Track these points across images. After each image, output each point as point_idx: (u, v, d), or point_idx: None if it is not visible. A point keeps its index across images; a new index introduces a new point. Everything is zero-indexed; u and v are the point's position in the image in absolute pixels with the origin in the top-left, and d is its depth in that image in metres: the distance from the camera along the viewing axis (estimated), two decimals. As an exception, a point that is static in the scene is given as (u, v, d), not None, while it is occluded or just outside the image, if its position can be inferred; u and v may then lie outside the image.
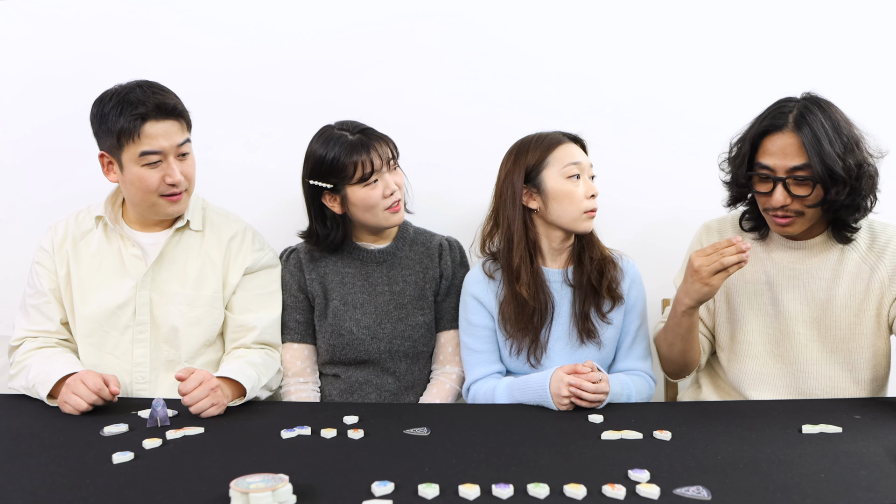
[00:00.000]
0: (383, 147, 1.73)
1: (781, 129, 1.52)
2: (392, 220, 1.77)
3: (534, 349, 1.69)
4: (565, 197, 1.66)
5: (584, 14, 2.11)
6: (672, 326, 1.62)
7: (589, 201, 1.67)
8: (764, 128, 1.55)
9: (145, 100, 1.58)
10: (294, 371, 1.81)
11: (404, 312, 1.80)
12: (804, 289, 1.64)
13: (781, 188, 1.53)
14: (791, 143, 1.51)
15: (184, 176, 1.64)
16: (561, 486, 1.09)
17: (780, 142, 1.53)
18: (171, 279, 1.71)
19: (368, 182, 1.71)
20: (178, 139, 1.62)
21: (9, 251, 2.11)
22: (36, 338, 1.70)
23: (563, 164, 1.66)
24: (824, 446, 1.27)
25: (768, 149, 1.55)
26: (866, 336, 1.61)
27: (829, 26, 2.09)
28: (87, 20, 2.12)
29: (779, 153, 1.53)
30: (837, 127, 1.50)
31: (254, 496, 1.01)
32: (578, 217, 1.67)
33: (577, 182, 1.66)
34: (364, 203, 1.73)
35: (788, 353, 1.65)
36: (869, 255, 1.62)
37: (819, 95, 1.56)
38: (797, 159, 1.51)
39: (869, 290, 1.60)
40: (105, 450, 1.27)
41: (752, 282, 1.69)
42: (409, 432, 1.37)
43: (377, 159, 1.71)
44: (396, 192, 1.74)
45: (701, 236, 1.79)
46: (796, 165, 1.51)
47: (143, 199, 1.65)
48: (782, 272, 1.66)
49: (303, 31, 2.12)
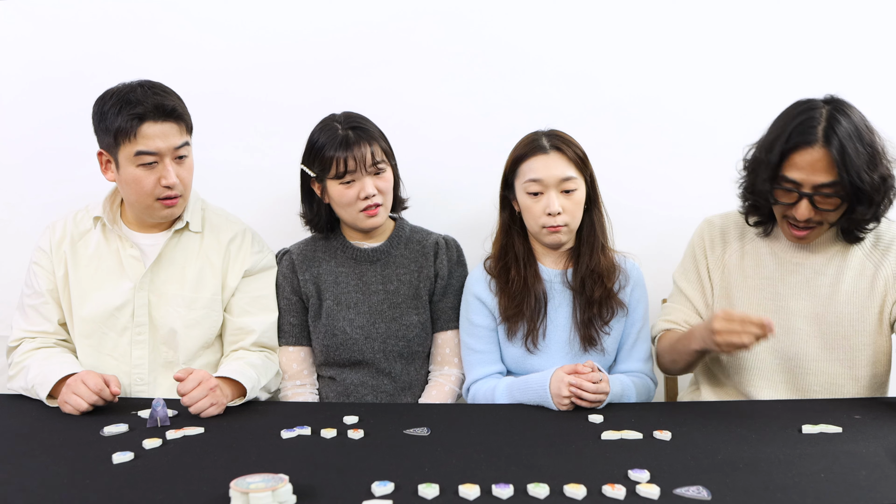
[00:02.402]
0: (366, 150, 1.70)
1: (811, 145, 1.48)
2: (366, 224, 1.75)
3: (531, 335, 1.69)
4: (526, 211, 1.67)
5: (584, 14, 2.11)
6: (680, 349, 1.63)
7: (547, 218, 1.63)
8: (794, 143, 1.50)
9: (144, 100, 1.57)
10: (291, 374, 1.81)
11: (398, 312, 1.80)
12: (807, 285, 1.64)
13: (807, 203, 1.51)
14: (820, 159, 1.47)
15: (179, 180, 1.62)
16: (561, 486, 1.09)
17: (810, 157, 1.48)
18: (170, 281, 1.71)
19: (343, 180, 1.71)
20: (175, 141, 1.61)
21: (9, 251, 2.11)
22: (34, 338, 1.69)
23: (524, 178, 1.65)
24: (824, 446, 1.27)
25: (797, 163, 1.50)
26: (868, 334, 1.61)
27: (829, 25, 2.08)
28: (86, 20, 2.12)
29: (807, 168, 1.49)
30: (861, 136, 1.47)
31: (254, 496, 1.01)
32: (539, 231, 1.66)
33: (538, 198, 1.64)
34: (339, 200, 1.73)
35: (788, 349, 1.64)
36: (873, 253, 1.62)
37: (842, 99, 1.53)
38: (826, 176, 1.48)
39: (873, 287, 1.61)
40: (105, 450, 1.27)
41: (754, 276, 1.68)
42: (409, 432, 1.37)
43: (353, 162, 1.68)
44: (375, 197, 1.72)
45: (703, 231, 1.78)
46: (824, 183, 1.48)
47: (138, 200, 1.65)
48: (785, 267, 1.66)
49: (303, 31, 2.12)
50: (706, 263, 1.74)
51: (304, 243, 1.88)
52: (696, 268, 1.76)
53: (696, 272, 1.76)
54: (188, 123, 1.66)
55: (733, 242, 1.73)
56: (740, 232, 1.73)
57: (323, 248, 1.85)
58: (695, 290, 1.75)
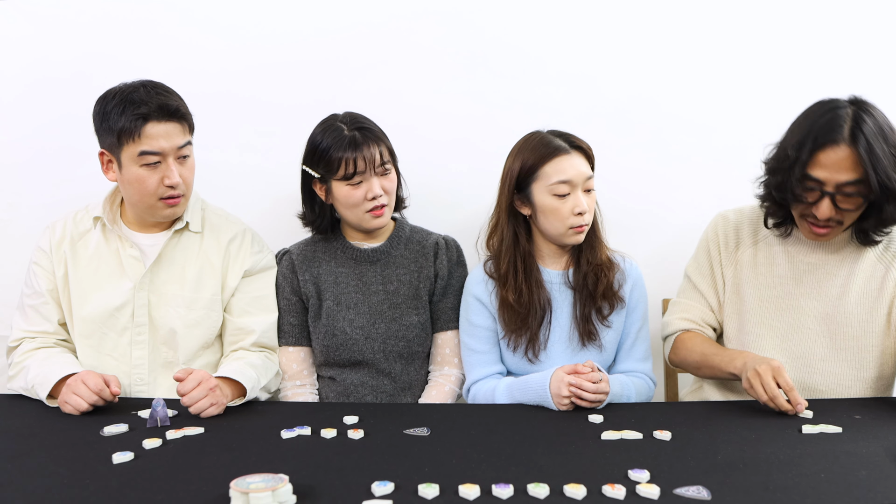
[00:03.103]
0: (375, 150, 1.70)
1: (837, 143, 1.47)
2: (372, 224, 1.75)
3: (531, 346, 1.69)
4: (551, 213, 1.64)
5: (584, 14, 2.11)
6: (715, 365, 1.61)
7: (575, 218, 1.63)
8: (820, 143, 1.48)
9: (148, 100, 1.57)
10: (291, 374, 1.80)
11: (398, 312, 1.80)
12: (818, 285, 1.64)
13: (829, 201, 1.50)
14: (846, 158, 1.46)
15: (182, 179, 1.63)
16: (561, 486, 1.09)
17: (835, 156, 1.47)
18: (170, 281, 1.71)
19: (352, 181, 1.70)
20: (178, 141, 1.62)
21: (9, 251, 2.11)
22: (34, 338, 1.69)
23: (550, 180, 1.63)
24: (824, 446, 1.27)
25: (822, 162, 1.49)
26: (876, 335, 1.61)
27: (829, 25, 2.08)
28: (87, 20, 2.12)
29: (832, 167, 1.48)
30: (885, 136, 1.47)
31: (254, 496, 1.01)
32: (564, 233, 1.65)
33: (565, 199, 1.63)
34: (345, 201, 1.73)
35: (796, 348, 1.64)
36: (885, 255, 1.63)
37: (865, 100, 1.52)
38: (851, 174, 1.47)
39: (883, 289, 1.61)
40: (105, 450, 1.27)
41: (766, 275, 1.68)
42: (409, 432, 1.37)
43: (362, 162, 1.68)
44: (382, 198, 1.72)
45: (717, 226, 1.76)
46: (848, 181, 1.48)
47: (141, 200, 1.65)
48: (799, 267, 1.66)
49: (303, 31, 2.12)
50: (720, 259, 1.74)
51: (304, 243, 1.88)
52: (710, 263, 1.75)
53: (709, 267, 1.75)
54: (190, 123, 1.66)
55: (746, 239, 1.72)
56: (754, 229, 1.73)
57: (323, 248, 1.85)
58: (708, 287, 1.75)
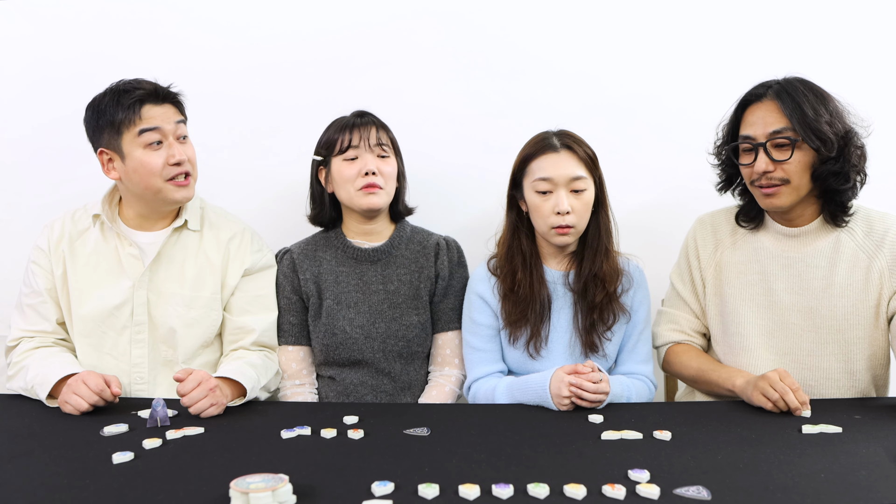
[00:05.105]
0: (372, 130, 1.76)
1: (761, 99, 1.56)
2: (363, 202, 1.75)
3: (533, 340, 1.68)
4: (534, 210, 1.66)
5: (584, 14, 2.11)
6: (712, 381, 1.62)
7: (556, 217, 1.62)
8: (745, 100, 1.59)
9: (140, 86, 1.62)
10: (290, 373, 1.81)
11: (398, 312, 1.80)
12: (798, 278, 1.63)
13: (763, 154, 1.55)
14: (771, 110, 1.55)
15: (187, 157, 1.65)
16: (561, 486, 1.09)
17: (760, 110, 1.56)
18: (169, 279, 1.71)
19: (346, 155, 1.75)
20: (175, 118, 1.65)
21: (8, 251, 2.11)
22: (32, 338, 1.69)
23: (534, 176, 1.64)
24: (824, 446, 1.27)
25: (748, 119, 1.58)
26: (863, 327, 1.59)
27: (828, 24, 2.08)
28: (87, 20, 2.13)
29: (759, 122, 1.56)
30: (821, 97, 1.53)
31: (254, 496, 1.01)
32: (547, 232, 1.65)
33: (547, 197, 1.63)
34: (340, 176, 1.76)
35: (782, 344, 1.63)
36: (866, 243, 1.60)
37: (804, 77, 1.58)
38: (777, 124, 1.53)
39: (868, 279, 1.59)
40: (105, 450, 1.27)
41: (744, 272, 1.68)
42: (409, 432, 1.37)
43: (357, 137, 1.75)
44: (377, 178, 1.74)
45: (696, 230, 1.78)
46: (776, 130, 1.53)
47: (149, 185, 1.64)
48: (776, 261, 1.65)
49: (303, 31, 2.12)
50: (698, 264, 1.75)
51: (305, 242, 1.88)
52: (689, 268, 1.76)
53: (689, 273, 1.77)
54: (183, 110, 1.69)
55: (725, 240, 1.73)
56: (732, 228, 1.73)
57: (324, 247, 1.85)
58: (689, 293, 1.76)
